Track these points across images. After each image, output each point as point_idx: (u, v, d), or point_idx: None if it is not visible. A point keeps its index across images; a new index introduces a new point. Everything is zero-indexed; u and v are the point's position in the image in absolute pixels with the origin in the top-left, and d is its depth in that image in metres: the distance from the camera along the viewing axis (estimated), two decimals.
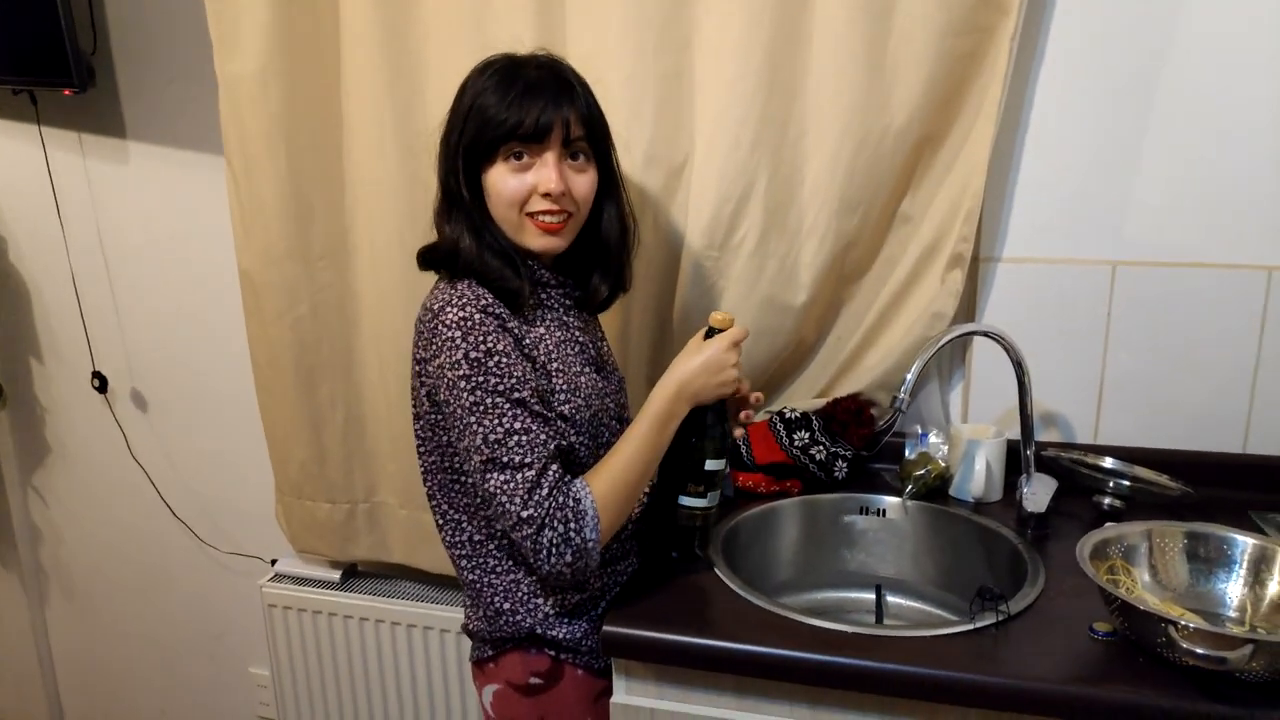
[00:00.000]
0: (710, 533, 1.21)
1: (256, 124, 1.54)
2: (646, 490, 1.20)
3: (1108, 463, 1.36)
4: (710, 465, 1.15)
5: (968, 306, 1.47)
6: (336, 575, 1.82)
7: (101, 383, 1.96)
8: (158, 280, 1.90)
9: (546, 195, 1.10)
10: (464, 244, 1.12)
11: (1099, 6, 1.34)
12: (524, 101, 1.08)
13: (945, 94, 1.35)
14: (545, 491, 1.04)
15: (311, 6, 1.51)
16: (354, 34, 1.50)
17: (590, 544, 1.05)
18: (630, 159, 1.42)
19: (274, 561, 1.89)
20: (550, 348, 1.14)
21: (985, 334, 1.25)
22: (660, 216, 1.46)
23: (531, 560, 1.06)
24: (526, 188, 1.10)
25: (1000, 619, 1.07)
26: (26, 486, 2.14)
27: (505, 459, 1.04)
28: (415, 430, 1.18)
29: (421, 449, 1.18)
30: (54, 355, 2.02)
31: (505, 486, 1.04)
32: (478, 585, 1.18)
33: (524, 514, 1.04)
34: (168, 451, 1.99)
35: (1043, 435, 1.45)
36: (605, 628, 1.08)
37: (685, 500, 1.16)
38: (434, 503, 1.20)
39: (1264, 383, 1.39)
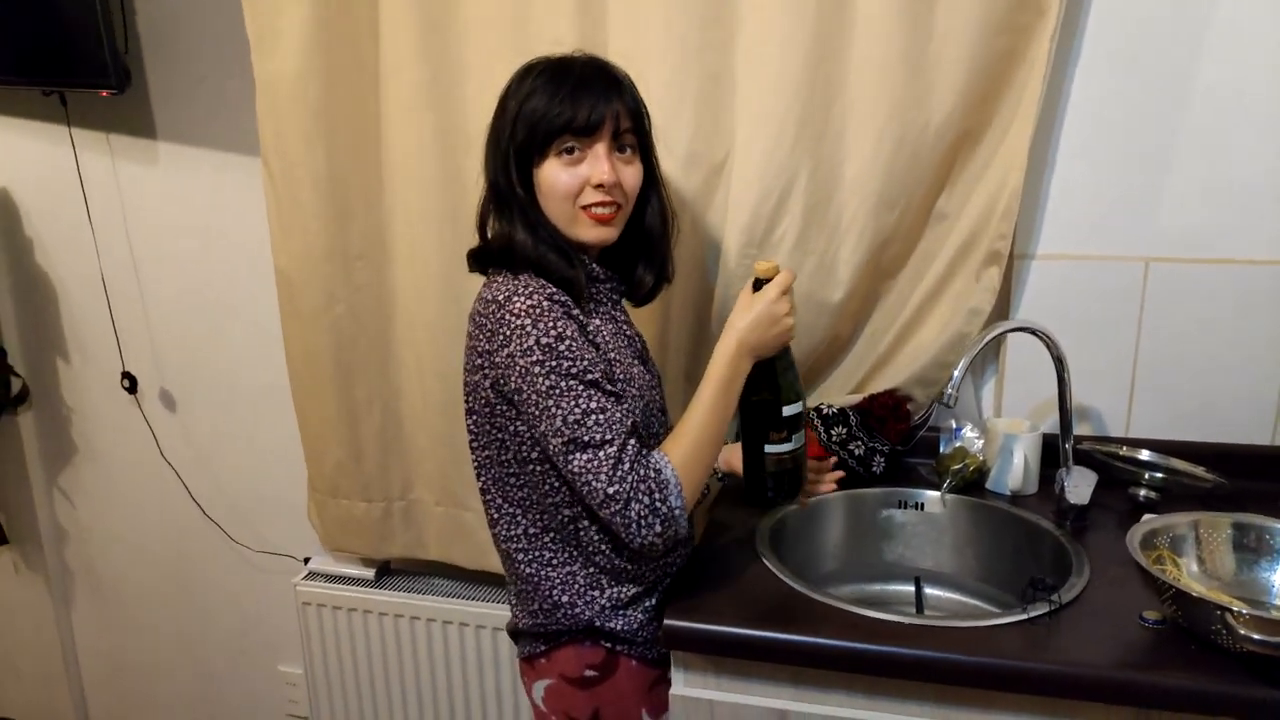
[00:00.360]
0: (802, 474, 1.21)
1: (295, 124, 1.55)
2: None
3: (1144, 455, 1.39)
4: (788, 410, 1.15)
5: (1002, 302, 1.49)
6: (371, 573, 1.83)
7: (131, 383, 1.97)
8: (187, 280, 1.91)
9: (599, 186, 1.13)
10: (519, 238, 1.14)
11: (1135, 5, 1.36)
12: (575, 97, 1.11)
13: (984, 92, 1.37)
14: (628, 466, 1.06)
15: (349, 4, 1.52)
16: (393, 32, 1.51)
17: (677, 511, 1.08)
18: (671, 157, 1.43)
19: (307, 560, 1.90)
20: (606, 339, 1.17)
21: (1030, 330, 1.27)
22: (700, 214, 1.48)
23: (623, 535, 1.08)
24: (580, 180, 1.13)
25: (1053, 608, 1.09)
26: (52, 487, 2.14)
27: (586, 438, 1.06)
28: (468, 425, 1.20)
29: (475, 444, 1.20)
30: (81, 356, 2.02)
31: (589, 465, 1.06)
32: (535, 579, 1.19)
33: (610, 490, 1.06)
34: (197, 451, 2.00)
35: (1077, 429, 1.47)
36: (666, 621, 1.10)
37: (771, 448, 1.16)
38: (488, 497, 1.21)
39: None
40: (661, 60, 1.41)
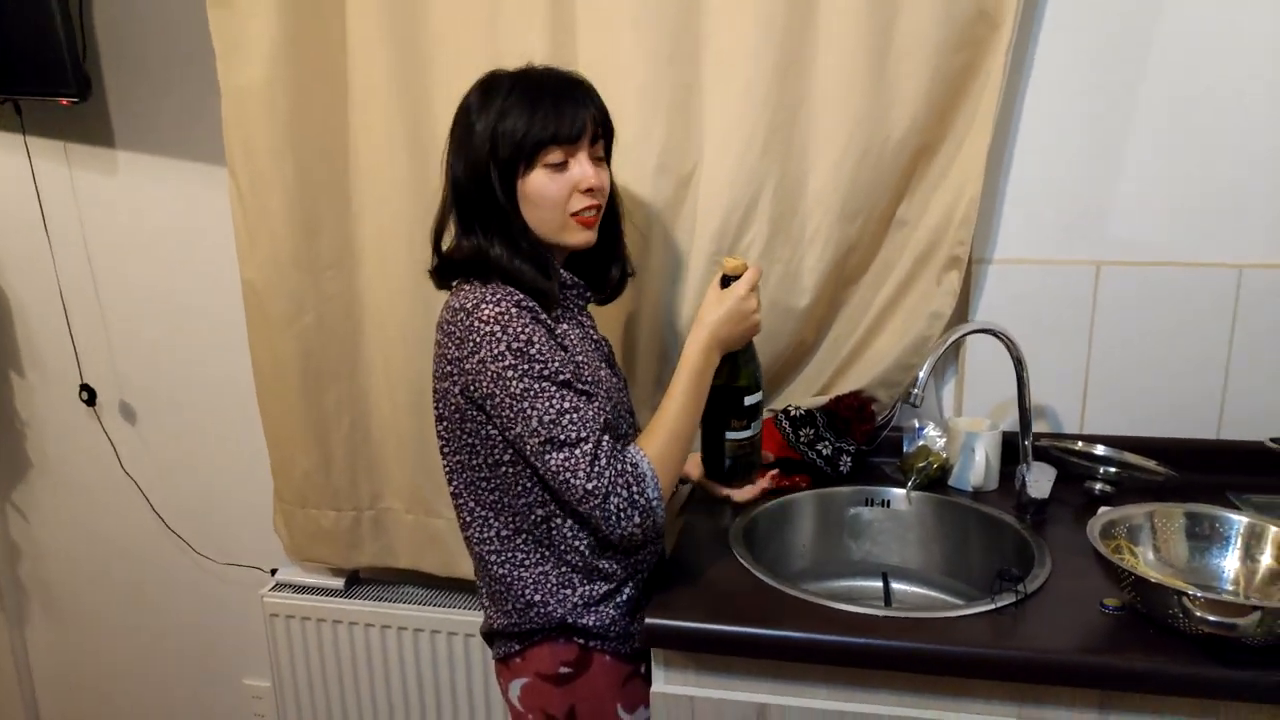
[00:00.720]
0: (756, 459, 1.34)
1: (263, 135, 1.55)
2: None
3: (1099, 450, 1.45)
4: (749, 400, 1.27)
5: (960, 306, 1.54)
6: (340, 583, 1.83)
7: (90, 395, 1.93)
8: (148, 291, 1.88)
9: (588, 191, 1.17)
10: (495, 252, 1.15)
11: (1086, 19, 1.42)
12: (558, 109, 1.14)
13: (943, 104, 1.42)
14: (604, 462, 1.10)
15: (317, 14, 1.53)
16: (362, 43, 1.52)
17: (654, 502, 1.13)
18: (641, 168, 1.47)
19: (274, 571, 1.88)
20: (574, 343, 1.20)
21: (991, 332, 1.32)
22: (669, 224, 1.51)
23: (603, 528, 1.12)
24: (569, 187, 1.16)
25: (1019, 598, 1.14)
26: (5, 503, 2.09)
27: (562, 437, 1.09)
28: (439, 431, 1.21)
29: (446, 449, 1.22)
30: (36, 369, 1.98)
31: (566, 464, 1.10)
32: (508, 580, 1.21)
33: (588, 486, 1.09)
34: (159, 464, 1.97)
35: (1035, 427, 1.52)
36: (646, 620, 1.12)
37: (731, 435, 1.27)
38: (459, 501, 1.23)
39: (1235, 372, 1.49)
40: (632, 71, 1.43)
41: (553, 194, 1.15)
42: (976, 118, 1.43)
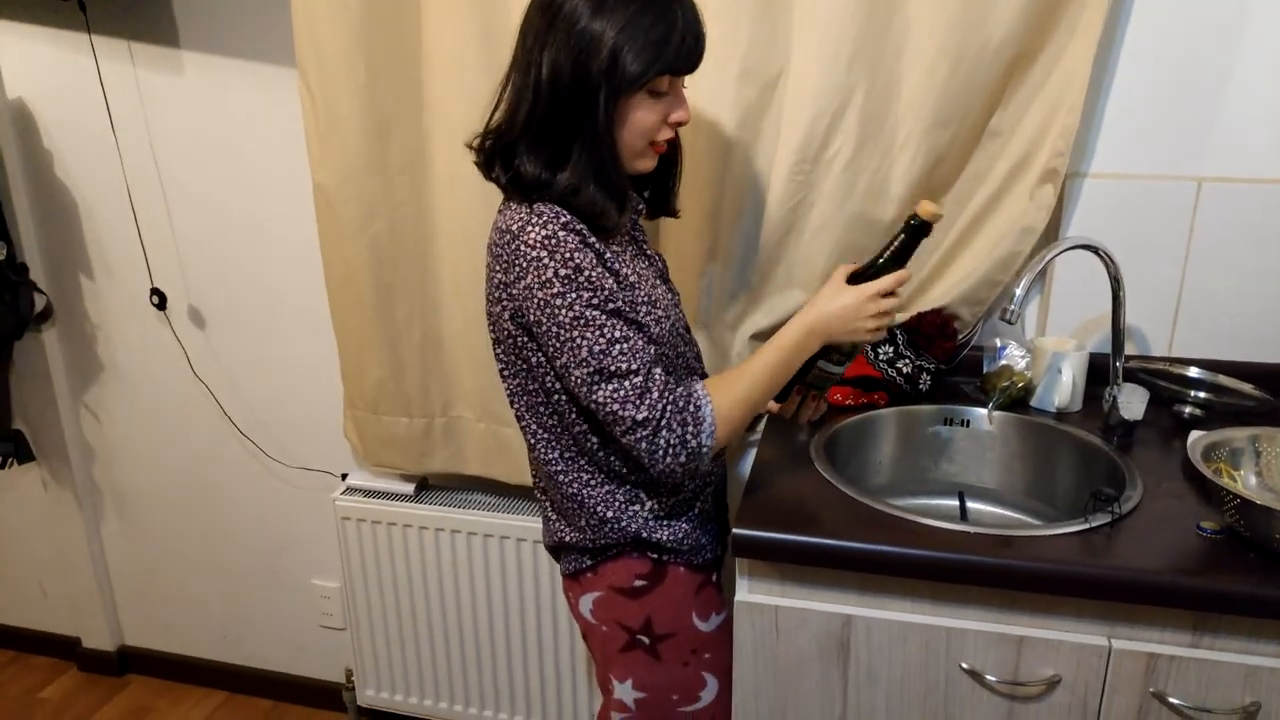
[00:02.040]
0: (823, 393, 1.30)
1: (334, 37, 1.51)
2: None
3: (1192, 372, 1.42)
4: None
5: (1052, 222, 1.49)
6: (410, 488, 1.85)
7: (160, 299, 1.94)
8: (215, 195, 1.87)
9: (676, 124, 1.13)
10: (585, 187, 1.07)
11: None
12: (694, 34, 1.08)
13: (1043, 10, 1.35)
14: (656, 395, 1.07)
15: None
16: None
17: (705, 449, 1.10)
18: (723, 72, 1.41)
19: (345, 475, 1.91)
20: (628, 262, 1.16)
21: (1091, 248, 1.27)
22: (752, 132, 1.46)
23: (646, 460, 1.09)
24: (662, 117, 1.12)
25: (1114, 518, 1.12)
26: (79, 405, 2.13)
27: (613, 368, 1.07)
28: (497, 354, 1.20)
29: (505, 372, 1.20)
30: (106, 273, 2.00)
31: (615, 394, 1.07)
32: (579, 498, 1.21)
33: (639, 417, 1.07)
34: (227, 369, 1.99)
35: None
36: (735, 530, 1.12)
37: (824, 365, 1.22)
38: (523, 423, 1.23)
39: None
40: None
41: (649, 123, 1.11)
42: (1081, 23, 1.36)
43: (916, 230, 1.14)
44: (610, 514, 1.20)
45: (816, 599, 1.15)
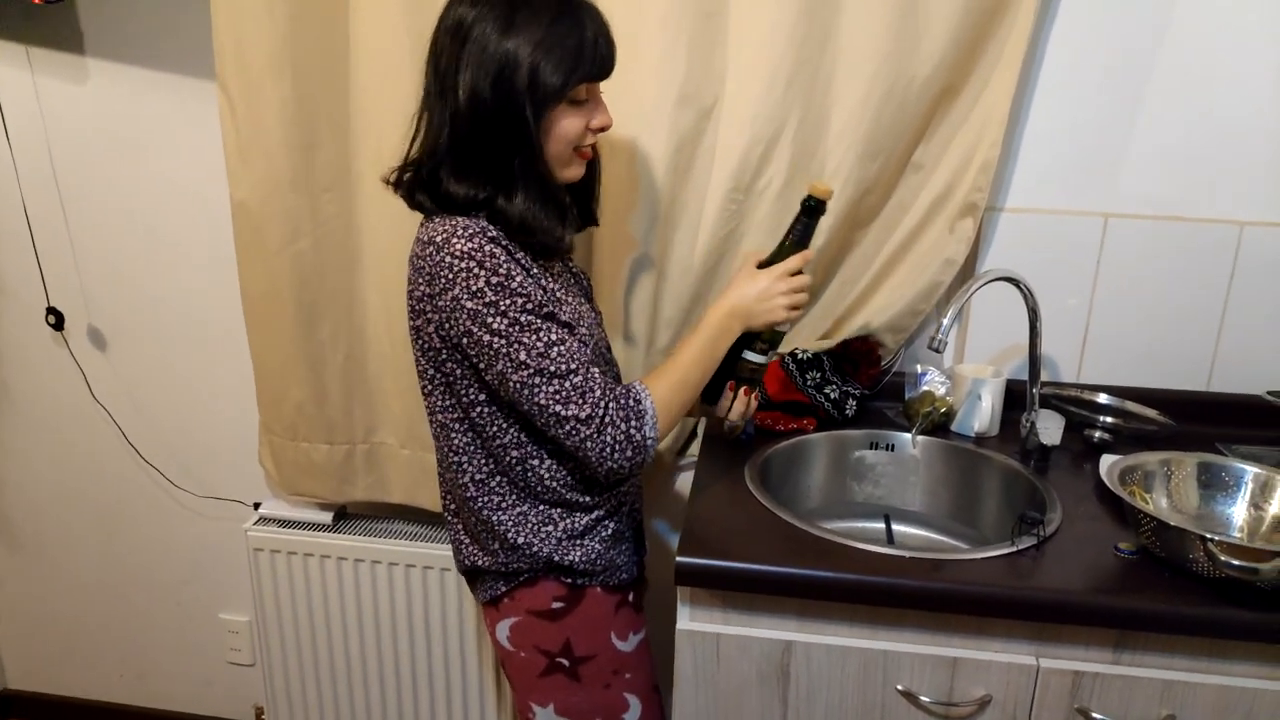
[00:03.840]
0: (760, 388, 1.35)
1: (259, 47, 1.47)
2: None
3: (1102, 398, 1.49)
4: (780, 327, 1.26)
5: (970, 253, 1.55)
6: (328, 517, 1.79)
7: (58, 319, 1.83)
8: (118, 209, 1.78)
9: (600, 129, 1.14)
10: (518, 203, 1.08)
11: None
12: (599, 41, 1.09)
13: (968, 46, 1.41)
14: (598, 393, 1.09)
15: None
16: None
17: (649, 441, 1.12)
18: (662, 97, 1.42)
19: (257, 505, 1.84)
20: (554, 278, 1.16)
21: (1013, 281, 1.33)
22: (688, 157, 1.47)
23: (593, 459, 1.10)
24: (585, 124, 1.13)
25: (1039, 540, 1.16)
26: None
27: (552, 369, 1.07)
28: (419, 370, 1.19)
29: (426, 388, 1.19)
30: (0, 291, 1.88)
31: (558, 395, 1.08)
32: (490, 521, 1.20)
33: (583, 414, 1.08)
34: (130, 393, 1.89)
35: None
36: (678, 559, 1.12)
37: (750, 356, 1.27)
38: (438, 442, 1.22)
39: (1229, 327, 1.53)
40: None
41: (574, 131, 1.12)
42: (1002, 61, 1.42)
43: (812, 210, 1.22)
44: (521, 539, 1.19)
45: (757, 625, 1.15)
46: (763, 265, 1.24)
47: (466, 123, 1.07)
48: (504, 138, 1.08)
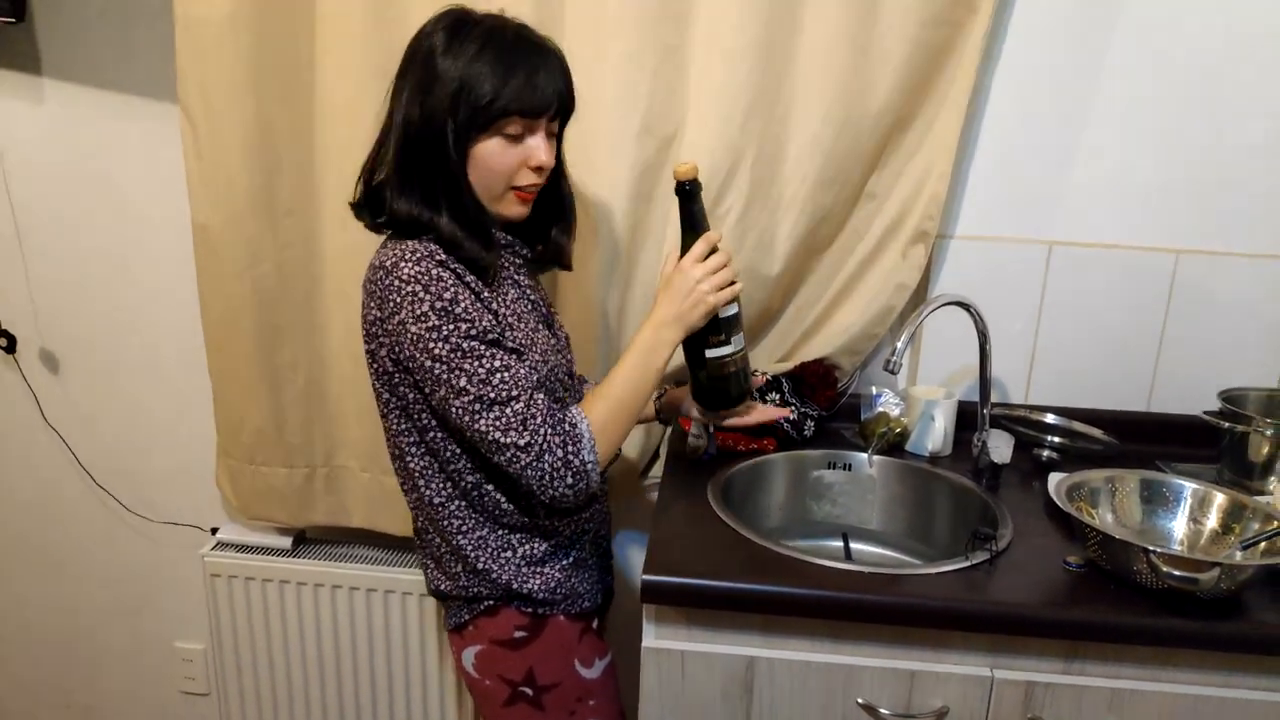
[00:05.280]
0: (746, 374, 1.27)
1: (222, 72, 1.47)
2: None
3: (1050, 418, 1.54)
4: (723, 313, 1.20)
5: (921, 279, 1.60)
6: (287, 542, 1.77)
7: (9, 342, 1.80)
8: (74, 230, 1.76)
9: (536, 169, 1.12)
10: (442, 221, 1.09)
11: (1053, 11, 1.49)
12: (531, 80, 1.07)
13: (919, 82, 1.47)
14: (539, 420, 1.07)
15: None
16: None
17: (589, 465, 1.11)
18: (625, 128, 1.46)
19: (215, 530, 1.81)
20: (506, 304, 1.16)
21: (964, 305, 1.38)
22: (650, 185, 1.51)
23: (535, 487, 1.09)
24: (519, 161, 1.11)
25: (992, 555, 1.20)
26: None
27: (494, 395, 1.06)
28: (376, 393, 1.18)
29: (383, 411, 1.19)
30: None
31: (497, 423, 1.06)
32: (451, 545, 1.20)
33: (521, 442, 1.07)
34: (84, 417, 1.86)
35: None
36: (644, 577, 1.14)
37: (712, 353, 1.22)
38: (397, 465, 1.22)
39: (1167, 350, 1.61)
40: (621, 30, 1.42)
41: (504, 165, 1.10)
42: (949, 96, 1.48)
43: (687, 193, 1.18)
44: (481, 564, 1.19)
45: (721, 642, 1.18)
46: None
47: (401, 140, 1.09)
48: (430, 158, 1.08)
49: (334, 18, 1.47)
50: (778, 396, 1.57)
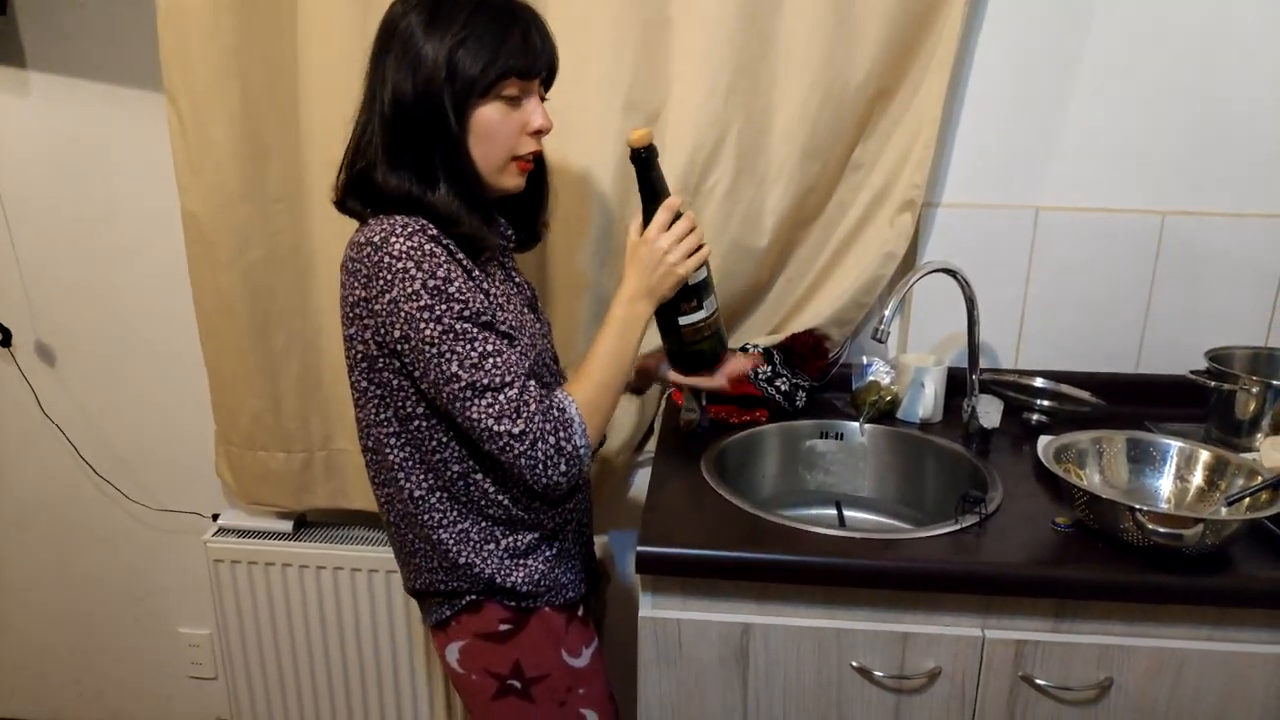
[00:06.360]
0: (721, 338, 1.26)
1: (207, 59, 1.47)
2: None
3: (1038, 382, 1.56)
4: (692, 279, 1.18)
5: (909, 247, 1.61)
6: (288, 526, 1.79)
7: (4, 335, 1.81)
8: (66, 223, 1.76)
9: (536, 134, 1.11)
10: (439, 195, 1.06)
11: None
12: (527, 39, 1.06)
13: (902, 50, 1.47)
14: (532, 408, 1.05)
15: None
16: None
17: (581, 450, 1.08)
18: (609, 103, 1.46)
19: (216, 516, 1.83)
20: (496, 285, 1.14)
21: (950, 272, 1.39)
22: None
23: (528, 475, 1.07)
24: (519, 127, 1.09)
25: (981, 519, 1.22)
26: None
27: (486, 381, 1.03)
28: (352, 381, 1.14)
29: (360, 399, 1.14)
30: None
31: (490, 410, 1.04)
32: (432, 539, 1.16)
33: (515, 430, 1.04)
34: (82, 408, 1.87)
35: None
36: (639, 548, 1.16)
37: (685, 319, 1.21)
38: (372, 458, 1.17)
39: (1154, 312, 1.62)
40: (606, 4, 1.42)
41: (505, 132, 1.08)
42: (933, 64, 1.48)
43: (643, 161, 1.15)
44: (463, 559, 1.16)
45: (717, 610, 1.20)
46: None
47: (391, 120, 1.06)
48: (425, 131, 1.05)
49: (317, 2, 1.47)
50: (769, 368, 1.58)
